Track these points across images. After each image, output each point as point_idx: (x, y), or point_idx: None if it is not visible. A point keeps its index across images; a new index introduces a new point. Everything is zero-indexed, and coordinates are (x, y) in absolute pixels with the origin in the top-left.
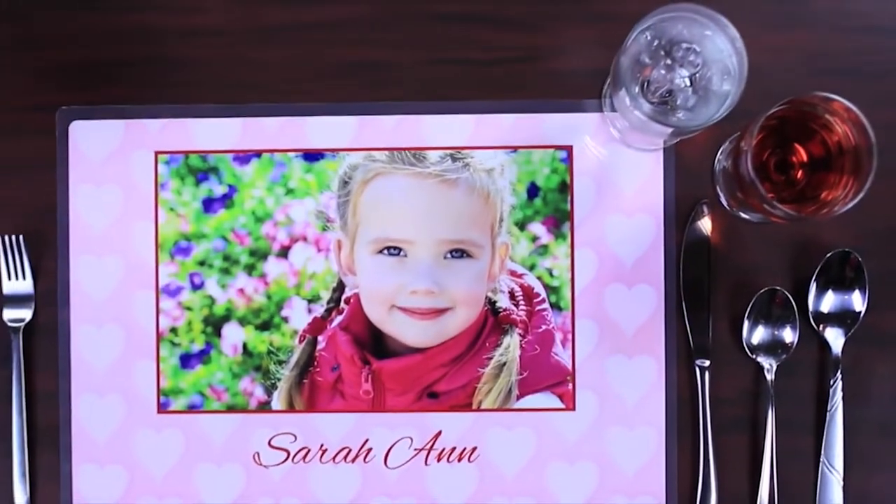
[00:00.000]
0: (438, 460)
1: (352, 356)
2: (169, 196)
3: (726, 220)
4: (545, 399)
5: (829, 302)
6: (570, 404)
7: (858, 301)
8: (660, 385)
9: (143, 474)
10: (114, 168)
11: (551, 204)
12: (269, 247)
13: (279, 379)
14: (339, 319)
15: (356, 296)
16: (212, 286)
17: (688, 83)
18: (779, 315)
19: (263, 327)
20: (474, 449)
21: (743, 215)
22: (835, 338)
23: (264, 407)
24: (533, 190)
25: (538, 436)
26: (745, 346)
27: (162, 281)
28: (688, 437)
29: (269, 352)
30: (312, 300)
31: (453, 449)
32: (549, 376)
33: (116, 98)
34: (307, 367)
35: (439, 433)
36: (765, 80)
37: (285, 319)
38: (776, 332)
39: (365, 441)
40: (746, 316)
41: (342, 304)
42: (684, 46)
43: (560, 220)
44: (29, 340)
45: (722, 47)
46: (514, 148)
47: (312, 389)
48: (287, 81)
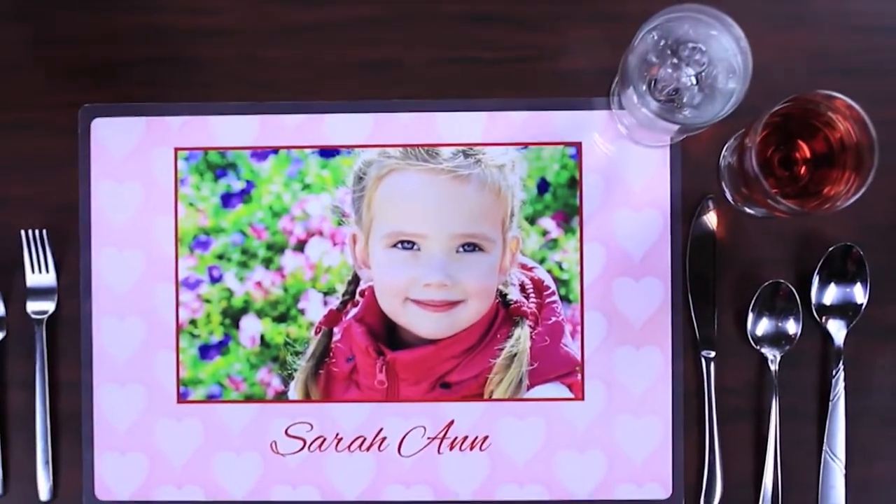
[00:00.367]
0: (451, 449)
1: (366, 347)
2: (188, 191)
3: (731, 215)
4: (555, 389)
5: (832, 294)
6: (580, 394)
7: (860, 294)
8: (666, 375)
9: (164, 462)
10: (135, 164)
11: (561, 199)
12: (286, 241)
13: (296, 369)
14: (354, 311)
15: (371, 288)
16: (230, 279)
17: (694, 81)
18: (782, 307)
19: (280, 319)
20: (486, 437)
21: (747, 210)
22: (837, 329)
23: (281, 397)
24: (543, 185)
25: (548, 425)
26: (750, 338)
27: (181, 274)
28: (694, 426)
29: (286, 343)
30: (328, 293)
31: (465, 437)
32: (559, 367)
33: (137, 96)
34: (323, 358)
35: (452, 422)
36: (769, 79)
37: (302, 312)
38: (780, 324)
39: (379, 430)
40: (751, 308)
41: (357, 297)
42: (690, 46)
43: (569, 215)
44: (52, 332)
45: (727, 46)
46: (525, 144)
47: (328, 380)
48: (302, 80)
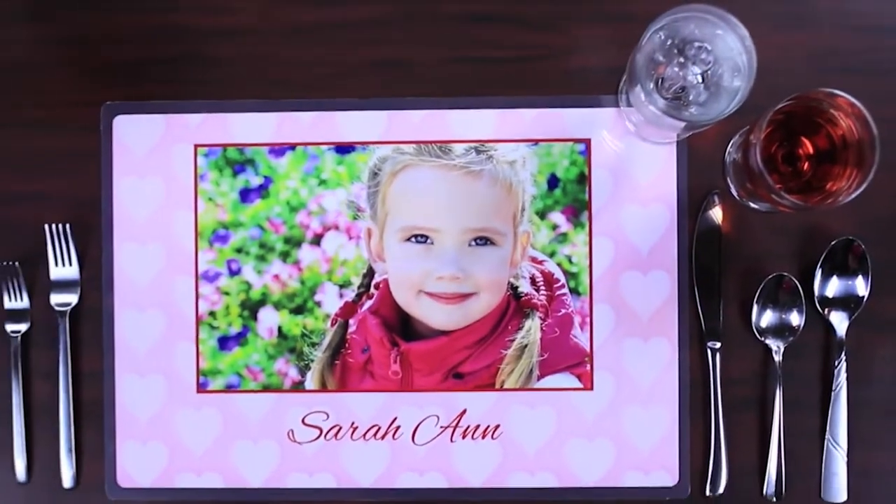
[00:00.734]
0: (463, 437)
1: (381, 338)
2: (208, 187)
3: (736, 210)
4: (564, 379)
5: (834, 287)
6: (589, 384)
7: (862, 286)
8: (673, 366)
9: (183, 451)
10: (155, 160)
11: (570, 194)
12: (303, 235)
13: (312, 360)
14: (370, 304)
15: (385, 281)
16: (248, 272)
17: (700, 80)
18: (786, 300)
19: (297, 311)
20: (497, 426)
21: (752, 205)
22: (839, 321)
23: (298, 387)
24: (553, 181)
25: (558, 414)
26: (754, 329)
27: (201, 267)
28: (700, 416)
29: (303, 334)
30: (344, 285)
31: (477, 426)
32: (569, 358)
33: (158, 94)
34: (339, 349)
35: (464, 411)
36: (773, 77)
37: (318, 304)
38: (783, 316)
39: (394, 419)
40: (755, 300)
41: (372, 290)
42: (696, 45)
43: (579, 210)
44: (75, 324)
45: (732, 46)
46: (535, 141)
47: (344, 370)
48: (318, 78)
